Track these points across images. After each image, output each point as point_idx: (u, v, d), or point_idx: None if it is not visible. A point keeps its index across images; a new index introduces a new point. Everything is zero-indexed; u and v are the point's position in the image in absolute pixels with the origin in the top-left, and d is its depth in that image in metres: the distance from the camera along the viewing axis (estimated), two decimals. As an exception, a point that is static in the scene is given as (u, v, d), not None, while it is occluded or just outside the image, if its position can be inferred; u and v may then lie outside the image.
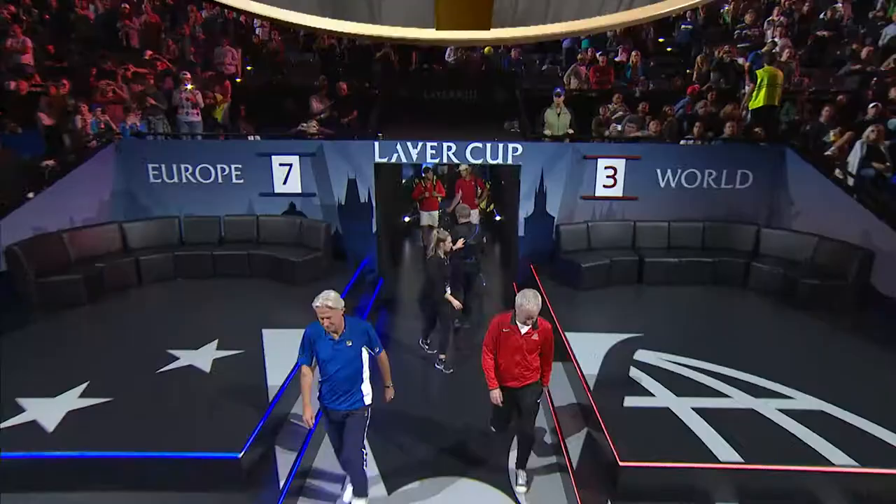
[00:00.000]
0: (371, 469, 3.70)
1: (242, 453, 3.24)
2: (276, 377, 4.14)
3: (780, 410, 3.73)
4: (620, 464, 3.21)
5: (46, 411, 3.58)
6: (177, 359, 4.39)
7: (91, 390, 3.84)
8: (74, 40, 10.21)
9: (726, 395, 3.93)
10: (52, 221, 5.75)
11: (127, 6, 10.44)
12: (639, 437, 3.43)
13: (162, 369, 4.21)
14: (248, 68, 10.44)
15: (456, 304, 4.97)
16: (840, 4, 10.46)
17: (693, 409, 3.76)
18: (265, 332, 4.86)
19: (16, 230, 5.31)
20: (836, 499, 3.16)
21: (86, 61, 9.75)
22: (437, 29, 3.74)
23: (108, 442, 3.31)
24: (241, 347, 4.58)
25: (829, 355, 4.56)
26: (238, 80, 9.61)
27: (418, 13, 3.46)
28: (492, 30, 3.88)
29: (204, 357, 4.43)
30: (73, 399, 3.73)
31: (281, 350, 4.50)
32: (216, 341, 4.66)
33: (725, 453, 3.29)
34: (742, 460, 3.23)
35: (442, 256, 4.89)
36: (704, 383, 4.11)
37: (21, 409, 3.60)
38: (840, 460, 3.21)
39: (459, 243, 5.25)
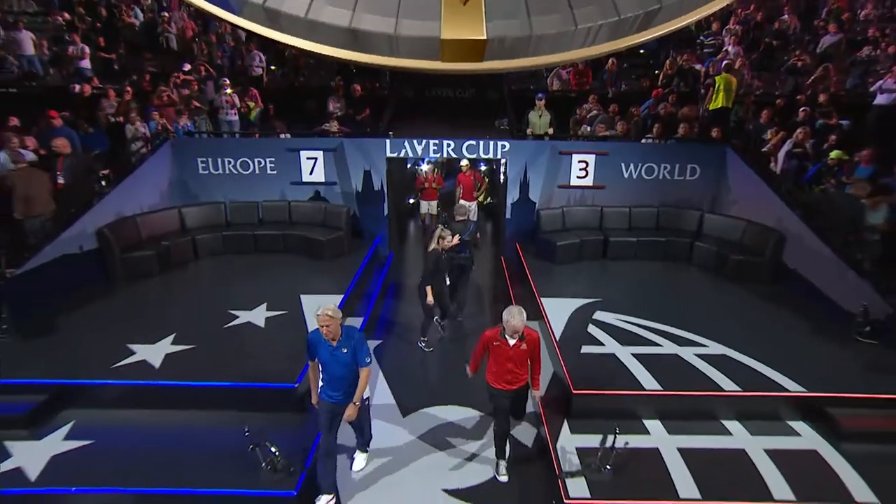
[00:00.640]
0: (384, 388, 4.58)
1: (297, 384, 4.08)
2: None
3: (697, 355, 4.58)
4: (574, 392, 4.06)
5: (150, 354, 4.43)
6: (237, 317, 5.20)
7: (178, 340, 4.67)
8: (122, 45, 10.71)
9: (658, 345, 4.78)
10: (128, 207, 6.50)
11: (166, 14, 10.93)
12: (589, 374, 4.27)
13: (227, 325, 5.04)
14: (272, 68, 10.99)
15: (429, 299, 5.12)
16: (786, 16, 10.99)
17: (632, 354, 4.61)
18: (302, 297, 5.64)
19: (102, 216, 6.07)
20: (724, 414, 4.03)
21: (133, 64, 10.32)
22: (441, 61, 4.47)
23: (197, 376, 4.15)
24: (286, 309, 5.38)
25: (741, 315, 5.38)
26: (264, 81, 10.21)
27: (427, 50, 4.19)
28: (485, 62, 4.62)
29: (258, 316, 5.24)
30: (167, 345, 4.57)
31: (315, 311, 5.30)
32: (265, 304, 5.46)
33: (650, 384, 4.15)
34: (661, 388, 4.09)
35: (440, 251, 5.16)
36: (644, 336, 4.94)
37: (132, 352, 4.44)
38: (729, 387, 4.08)
39: (455, 239, 5.38)
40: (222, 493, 3.31)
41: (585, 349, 4.71)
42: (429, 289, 5.10)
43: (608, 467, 3.45)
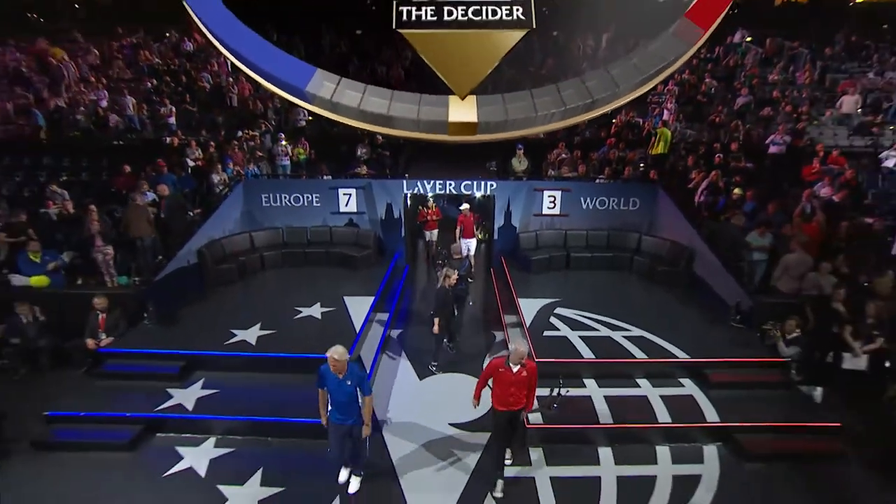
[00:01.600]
0: (406, 362, 5.85)
1: (352, 351, 5.38)
2: (357, 322, 6.26)
3: (623, 336, 5.91)
4: (536, 360, 5.34)
5: (248, 335, 5.78)
6: (300, 312, 6.52)
7: (264, 327, 6.00)
8: (196, 103, 12.18)
9: (597, 330, 6.10)
10: (216, 232, 7.87)
11: (231, 79, 12.43)
12: (548, 349, 5.58)
13: (295, 317, 6.36)
14: (310, 118, 12.41)
15: (435, 329, 5.56)
16: (709, 80, 12.50)
17: (579, 336, 5.94)
18: (345, 297, 6.92)
19: (200, 239, 7.44)
20: (637, 374, 5.33)
21: (204, 119, 11.76)
22: (448, 135, 5.88)
23: (280, 350, 5.47)
24: (334, 307, 6.68)
25: (659, 309, 6.70)
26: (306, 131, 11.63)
27: (438, 127, 5.52)
28: (476, 135, 6.02)
29: (315, 311, 6.56)
30: (257, 330, 5.90)
31: (356, 308, 6.61)
32: (319, 303, 6.76)
33: (588, 355, 5.47)
34: (595, 358, 5.39)
35: (447, 288, 5.65)
36: (589, 324, 6.26)
37: (235, 335, 5.77)
38: (640, 356, 5.40)
39: (456, 275, 5.78)
40: (300, 421, 4.59)
41: (546, 333, 6.03)
42: (436, 320, 5.57)
43: (555, 406, 4.73)
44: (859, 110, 11.84)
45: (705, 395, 5.04)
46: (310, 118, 12.33)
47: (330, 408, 3.87)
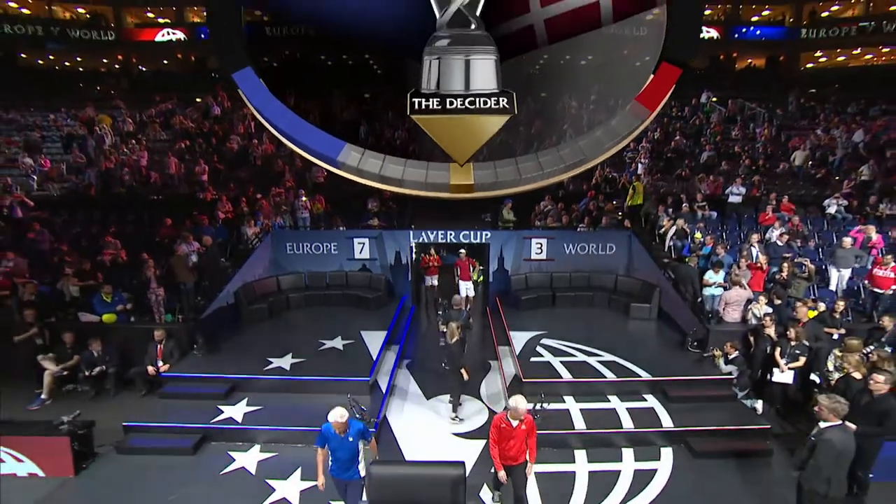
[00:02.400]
0: (414, 385, 6.92)
1: (371, 377, 6.50)
2: (373, 351, 7.39)
3: (598, 361, 7.01)
4: (524, 380, 6.45)
5: (282, 363, 6.89)
6: (324, 344, 7.65)
7: (295, 355, 7.12)
8: (225, 162, 13.84)
9: (576, 356, 7.21)
10: (248, 276, 9.14)
11: (256, 141, 14.18)
12: (533, 371, 6.68)
13: (320, 348, 7.49)
14: (325, 175, 13.98)
15: (465, 376, 6.17)
16: (679, 137, 14.25)
17: (560, 362, 7.03)
18: (362, 332, 8.08)
19: (236, 282, 8.70)
20: (607, 392, 6.41)
21: (232, 176, 13.34)
22: (449, 193, 7.22)
23: (311, 374, 6.57)
24: (353, 339, 7.82)
25: (630, 339, 7.83)
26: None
27: (441, 188, 6.85)
28: (473, 193, 7.36)
29: (337, 343, 7.69)
30: (290, 359, 7.02)
31: (371, 341, 7.74)
32: (339, 336, 7.90)
33: (567, 377, 6.56)
34: (572, 378, 6.50)
35: (451, 343, 6.22)
36: (569, 352, 7.37)
37: (270, 362, 6.89)
38: (611, 377, 6.50)
39: (458, 331, 6.25)
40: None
41: (533, 359, 7.14)
42: (463, 370, 6.12)
43: (537, 416, 5.78)
44: (810, 163, 13.51)
45: (664, 408, 6.10)
46: (325, 175, 13.96)
47: (331, 464, 4.06)
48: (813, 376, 6.27)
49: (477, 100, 5.89)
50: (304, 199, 11.21)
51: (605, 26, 6.29)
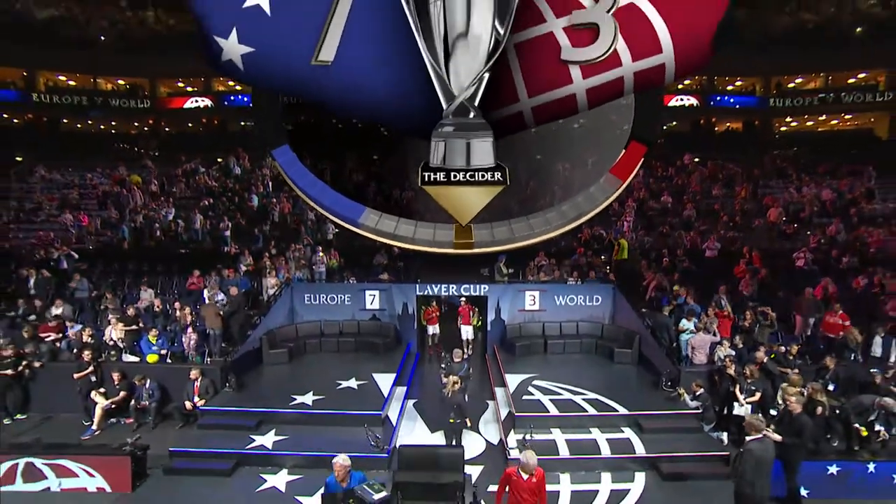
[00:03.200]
0: (419, 420, 8.01)
1: (383, 412, 7.62)
2: (384, 390, 8.51)
3: (582, 399, 8.11)
4: (516, 413, 7.56)
5: (305, 399, 8.02)
6: (340, 384, 8.79)
7: (315, 393, 8.25)
8: (245, 218, 15.50)
9: (563, 395, 8.32)
10: (271, 323, 10.42)
11: (274, 199, 15.95)
12: (525, 407, 7.79)
13: (337, 387, 8.63)
14: (336, 231, 15.56)
15: (469, 423, 7.27)
16: (664, 197, 15.97)
17: (549, 399, 8.14)
18: (374, 374, 9.22)
19: (261, 329, 9.98)
20: (589, 425, 7.48)
21: (251, 232, 14.92)
22: (453, 249, 8.62)
23: (331, 408, 7.69)
24: (366, 380, 8.96)
25: (612, 379, 8.96)
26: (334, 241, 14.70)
27: (446, 244, 8.25)
28: (473, 249, 8.79)
29: (352, 383, 8.83)
30: (311, 396, 8.15)
31: (382, 381, 8.87)
32: (354, 378, 9.05)
33: (554, 411, 7.66)
34: (559, 412, 7.60)
35: (454, 393, 7.11)
36: (557, 391, 8.48)
37: (294, 399, 8.02)
38: (592, 412, 7.60)
39: (459, 382, 7.25)
40: (351, 455, 6.68)
41: (525, 397, 8.26)
42: (467, 420, 7.19)
43: (526, 445, 6.85)
44: (783, 219, 15.08)
45: (639, 438, 7.16)
46: (336, 231, 15.57)
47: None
48: (773, 411, 7.37)
49: (476, 173, 7.34)
50: (320, 254, 12.70)
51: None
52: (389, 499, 4.71)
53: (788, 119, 22.92)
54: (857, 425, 6.68)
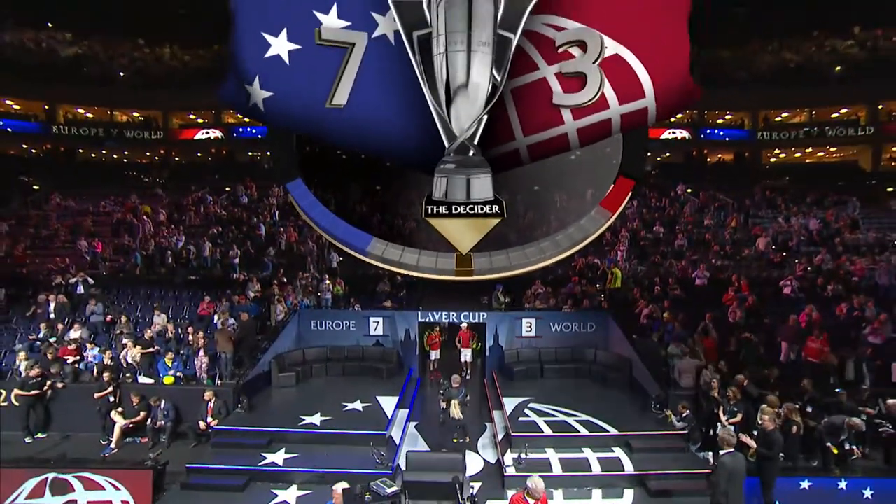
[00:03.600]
0: (421, 440, 8.52)
1: (387, 432, 8.15)
2: (388, 412, 9.05)
3: (575, 420, 8.65)
4: (512, 434, 8.08)
5: (313, 420, 8.56)
6: (346, 406, 9.33)
7: (323, 414, 8.79)
8: (253, 246, 16.25)
9: (556, 416, 8.85)
10: (280, 348, 11.01)
11: (281, 229, 16.75)
12: (521, 427, 8.32)
13: (343, 409, 9.17)
14: (341, 259, 16.28)
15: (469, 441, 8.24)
16: (656, 227, 16.77)
17: (544, 421, 8.67)
18: (378, 397, 9.77)
19: (271, 353, 10.57)
20: (580, 444, 7.99)
21: (258, 260, 15.64)
22: (454, 276, 9.26)
23: (339, 428, 8.22)
24: (371, 403, 9.51)
25: (605, 402, 9.48)
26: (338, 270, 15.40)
27: (448, 271, 8.90)
28: (473, 276, 9.44)
29: (357, 406, 9.38)
30: (319, 417, 8.69)
31: (386, 404, 9.41)
32: (359, 400, 9.59)
33: (548, 432, 8.19)
34: (552, 433, 8.13)
35: (455, 418, 8.51)
36: (552, 413, 9.02)
37: (303, 419, 8.56)
38: (584, 432, 8.13)
39: (458, 406, 8.52)
40: (354, 472, 7.20)
41: (521, 419, 8.80)
42: (467, 438, 8.41)
43: (521, 463, 7.36)
44: (772, 248, 15.81)
45: (628, 457, 7.68)
46: (341, 259, 16.30)
47: None
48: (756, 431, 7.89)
49: (475, 206, 8.02)
50: (327, 282, 13.40)
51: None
52: (399, 494, 5.25)
53: (777, 151, 23.99)
54: (829, 444, 7.21)
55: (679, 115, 24.46)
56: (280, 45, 6.65)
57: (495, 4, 6.56)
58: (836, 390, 8.12)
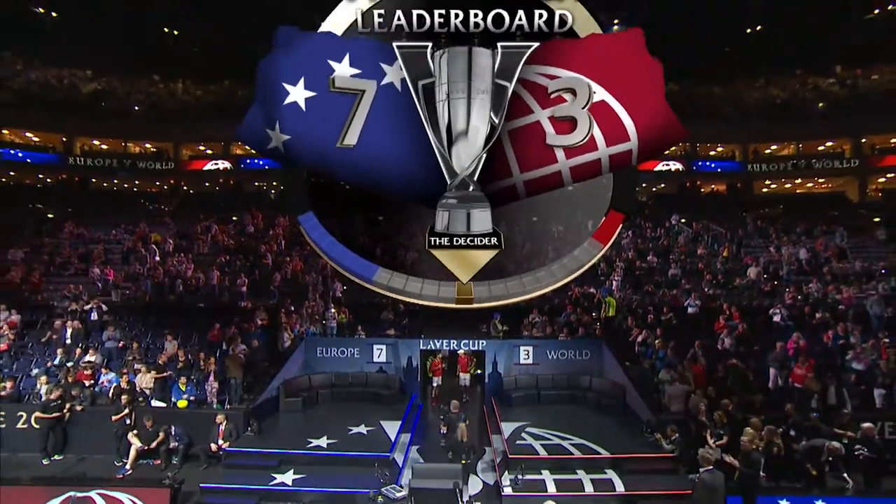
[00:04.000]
0: (421, 461, 9.00)
1: (391, 454, 8.65)
2: (391, 435, 9.55)
3: (570, 444, 9.14)
4: (510, 456, 8.58)
5: (320, 442, 9.07)
6: (351, 430, 9.82)
7: (329, 437, 9.29)
8: (260, 275, 16.92)
9: (551, 440, 9.34)
10: (288, 374, 11.57)
11: (287, 258, 17.48)
12: (518, 450, 8.81)
13: (349, 432, 9.67)
14: (344, 288, 16.89)
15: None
16: (650, 256, 17.50)
17: (540, 444, 9.16)
18: (381, 422, 10.26)
19: (279, 379, 11.12)
20: (575, 466, 8.47)
21: (265, 289, 16.28)
22: (455, 304, 9.89)
23: (345, 450, 8.71)
24: (374, 426, 10.00)
25: (599, 426, 9.96)
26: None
27: (449, 299, 9.52)
28: (473, 304, 10.09)
29: (362, 429, 9.87)
30: (326, 439, 9.19)
31: (389, 428, 9.91)
32: (363, 424, 10.09)
33: (543, 454, 8.68)
34: (547, 455, 8.62)
35: (460, 440, 9.07)
36: (547, 437, 9.51)
37: (310, 442, 9.07)
38: (578, 454, 8.62)
39: (464, 425, 9.20)
40: (362, 491, 7.69)
41: (518, 442, 9.30)
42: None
43: (518, 483, 7.84)
44: (764, 276, 16.46)
45: (620, 478, 8.15)
46: (345, 288, 16.94)
47: None
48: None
49: (475, 238, 8.70)
50: (332, 310, 14.05)
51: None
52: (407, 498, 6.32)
53: (768, 181, 25.01)
54: (808, 466, 7.71)
55: (673, 148, 25.61)
56: (298, 93, 7.43)
57: (493, 57, 7.40)
58: (813, 414, 8.65)
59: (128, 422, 9.35)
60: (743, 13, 21.10)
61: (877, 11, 19.52)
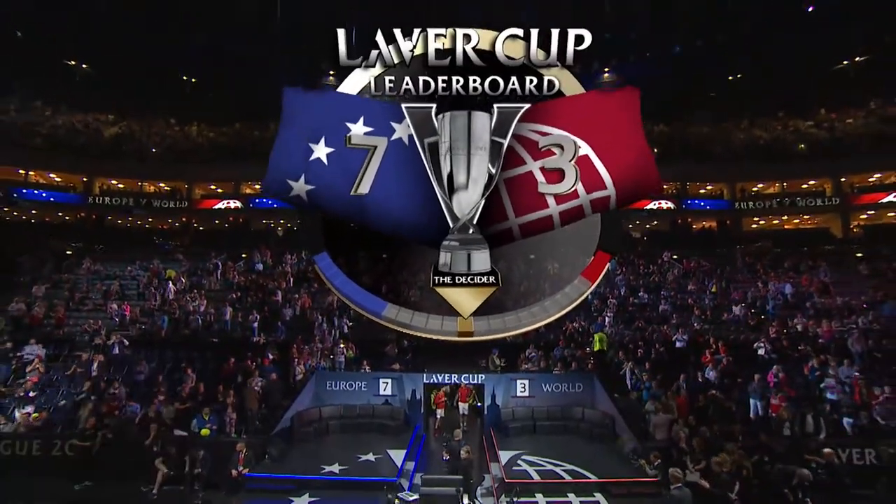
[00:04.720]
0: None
1: (398, 479, 9.64)
2: (398, 461, 10.52)
3: (561, 469, 10.11)
4: (506, 480, 9.55)
5: (332, 468, 10.05)
6: (360, 457, 10.80)
7: (341, 464, 10.27)
8: (269, 311, 18.08)
9: (545, 466, 10.31)
10: (300, 406, 12.59)
11: (297, 295, 18.69)
12: (514, 475, 9.78)
13: (358, 460, 10.64)
14: (350, 325, 18.00)
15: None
16: (642, 292, 18.69)
17: (534, 470, 10.13)
18: (388, 450, 11.25)
19: (292, 410, 12.14)
20: (566, 490, 9.43)
21: (274, 324, 17.39)
22: (457, 337, 11.03)
23: (356, 475, 9.69)
24: (382, 455, 10.98)
25: (589, 454, 10.94)
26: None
27: (451, 332, 10.65)
28: (474, 337, 11.20)
29: (370, 457, 10.85)
30: (337, 466, 10.18)
31: (395, 455, 10.89)
32: (371, 452, 11.06)
33: (536, 478, 9.65)
34: (540, 479, 9.59)
35: (465, 461, 9.56)
36: (541, 464, 10.49)
37: (324, 468, 10.04)
38: (569, 479, 9.60)
39: (468, 448, 9.80)
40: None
41: (514, 468, 10.27)
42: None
43: (514, 503, 8.81)
44: (751, 311, 17.58)
45: (607, 501, 9.11)
46: (351, 325, 18.05)
47: None
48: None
49: (475, 277, 9.84)
50: (341, 345, 15.18)
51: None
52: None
53: (756, 218, 26.50)
54: (786, 490, 8.68)
55: (665, 186, 27.20)
56: (320, 150, 8.66)
57: (490, 118, 8.74)
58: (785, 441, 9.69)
59: (155, 449, 10.35)
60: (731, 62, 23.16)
61: (845, 62, 21.47)
